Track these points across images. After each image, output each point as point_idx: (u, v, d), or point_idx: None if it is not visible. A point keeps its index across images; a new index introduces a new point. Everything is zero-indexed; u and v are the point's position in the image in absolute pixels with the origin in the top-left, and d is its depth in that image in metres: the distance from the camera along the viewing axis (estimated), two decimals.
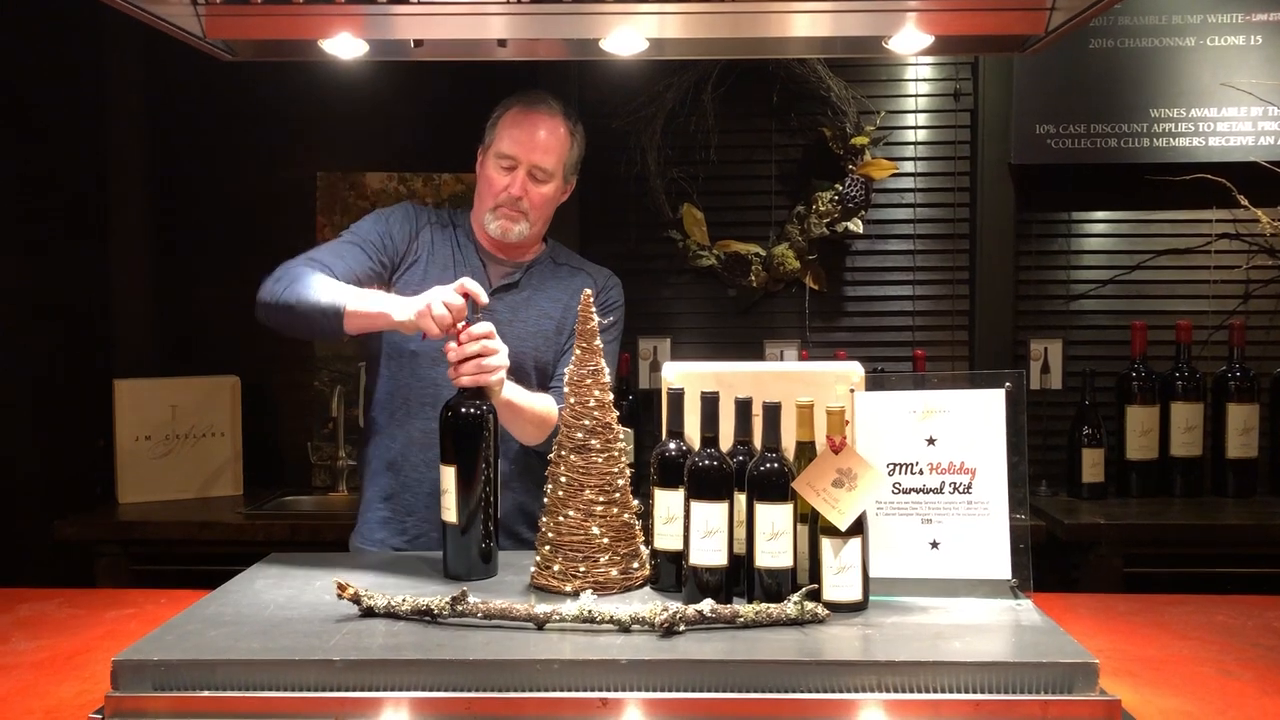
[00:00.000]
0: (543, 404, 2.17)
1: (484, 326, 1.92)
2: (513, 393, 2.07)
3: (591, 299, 1.83)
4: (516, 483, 2.25)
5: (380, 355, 2.27)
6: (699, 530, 1.68)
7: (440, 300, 1.90)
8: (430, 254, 2.28)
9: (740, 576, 1.72)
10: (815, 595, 1.65)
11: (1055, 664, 1.44)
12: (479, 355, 1.90)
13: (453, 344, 1.91)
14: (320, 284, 2.04)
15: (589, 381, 1.82)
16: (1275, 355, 3.37)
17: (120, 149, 3.53)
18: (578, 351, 1.82)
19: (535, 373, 2.25)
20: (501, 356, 1.94)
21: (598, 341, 1.83)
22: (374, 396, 2.30)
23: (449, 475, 1.88)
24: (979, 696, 1.42)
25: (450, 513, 1.88)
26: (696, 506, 1.69)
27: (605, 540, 1.79)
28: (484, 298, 1.94)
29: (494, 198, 2.24)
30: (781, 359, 3.48)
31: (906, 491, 1.77)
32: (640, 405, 3.41)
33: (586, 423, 1.80)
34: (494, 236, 2.26)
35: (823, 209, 3.41)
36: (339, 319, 2.00)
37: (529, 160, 2.22)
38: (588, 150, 3.49)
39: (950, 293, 3.54)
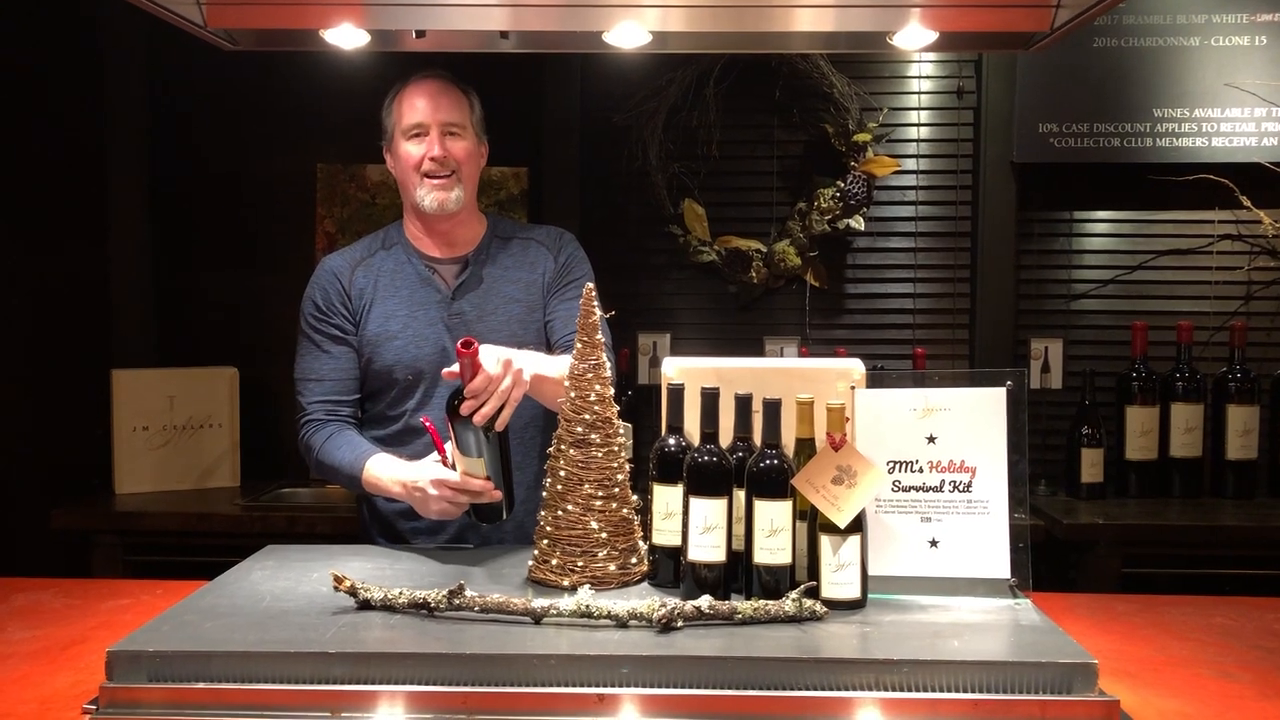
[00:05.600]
0: (565, 366, 2.09)
1: (483, 380, 1.87)
2: (535, 365, 2.03)
3: (593, 293, 1.83)
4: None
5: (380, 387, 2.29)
6: (698, 526, 1.68)
7: (430, 494, 1.99)
8: (378, 285, 2.26)
9: (738, 573, 1.72)
10: (814, 593, 1.64)
11: (1054, 664, 1.43)
12: (501, 399, 1.89)
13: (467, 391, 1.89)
14: (340, 456, 2.18)
15: (590, 376, 1.81)
16: (1276, 357, 3.37)
17: (120, 138, 3.51)
18: (578, 346, 1.81)
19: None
20: (510, 366, 1.91)
21: (599, 336, 1.82)
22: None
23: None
24: (977, 696, 1.42)
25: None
26: (695, 502, 1.68)
27: (604, 535, 1.78)
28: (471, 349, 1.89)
29: (416, 170, 2.22)
30: (781, 356, 3.47)
31: (906, 489, 1.77)
32: (639, 400, 3.40)
33: (587, 417, 1.79)
34: (430, 210, 2.22)
35: (824, 206, 3.40)
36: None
37: (437, 120, 2.21)
38: (588, 144, 3.51)
39: (951, 291, 3.53)
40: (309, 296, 2.28)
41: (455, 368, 1.88)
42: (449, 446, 1.96)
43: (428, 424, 2.07)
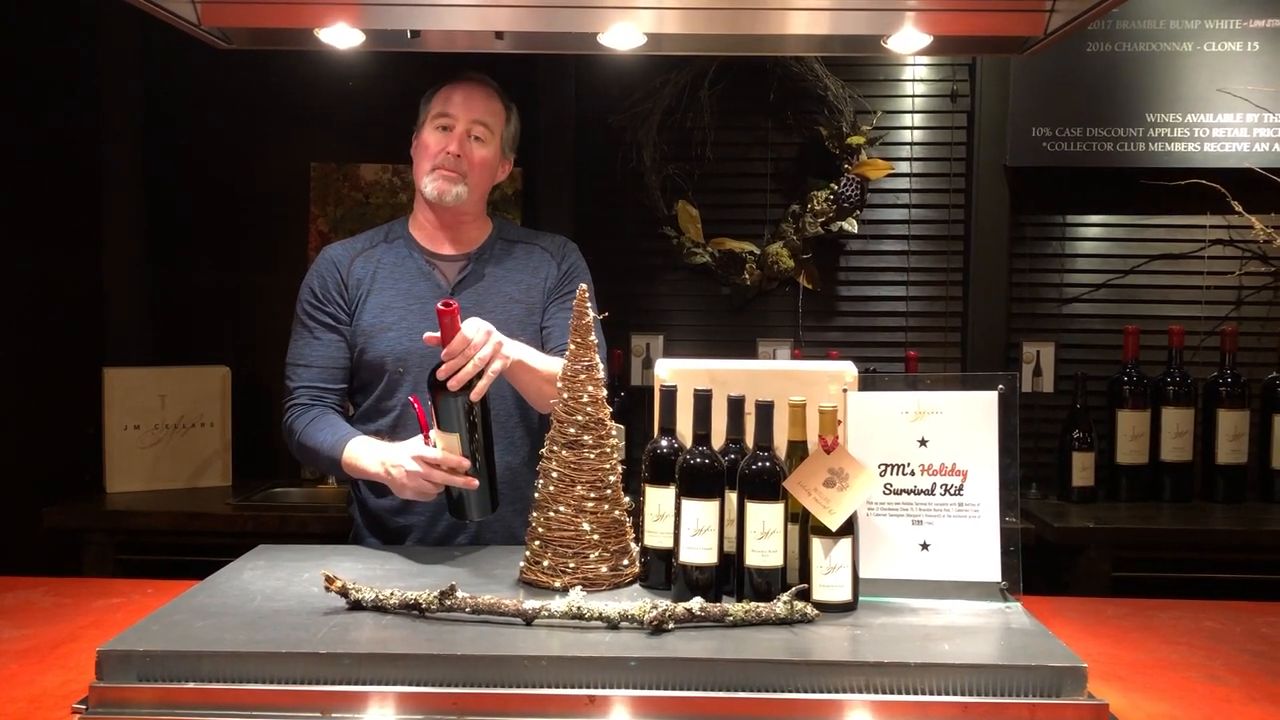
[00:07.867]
0: (554, 363, 2.09)
1: (460, 341, 1.89)
2: (521, 352, 2.04)
3: (588, 294, 1.83)
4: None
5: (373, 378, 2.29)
6: (689, 528, 1.68)
7: (407, 470, 1.96)
8: (376, 276, 2.26)
9: (730, 575, 1.71)
10: (805, 595, 1.64)
11: (1044, 667, 1.44)
12: (478, 366, 1.89)
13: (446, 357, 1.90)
14: (321, 438, 2.18)
15: (583, 377, 1.81)
16: (1266, 361, 3.38)
17: (114, 137, 3.51)
18: (571, 347, 1.81)
19: None
20: (490, 336, 1.93)
21: (592, 337, 1.82)
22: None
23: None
24: (967, 699, 1.42)
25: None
26: (687, 504, 1.69)
27: (595, 537, 1.78)
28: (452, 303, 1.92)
29: (431, 160, 2.23)
30: (774, 358, 3.47)
31: (898, 492, 1.77)
32: (632, 402, 3.40)
33: (579, 418, 1.79)
34: (430, 198, 2.23)
35: (818, 208, 3.41)
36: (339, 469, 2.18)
37: (468, 117, 2.22)
38: (583, 145, 3.50)
39: (944, 294, 3.54)
40: (307, 283, 2.29)
41: (438, 334, 1.90)
42: (434, 434, 1.96)
43: (415, 403, 2.06)
